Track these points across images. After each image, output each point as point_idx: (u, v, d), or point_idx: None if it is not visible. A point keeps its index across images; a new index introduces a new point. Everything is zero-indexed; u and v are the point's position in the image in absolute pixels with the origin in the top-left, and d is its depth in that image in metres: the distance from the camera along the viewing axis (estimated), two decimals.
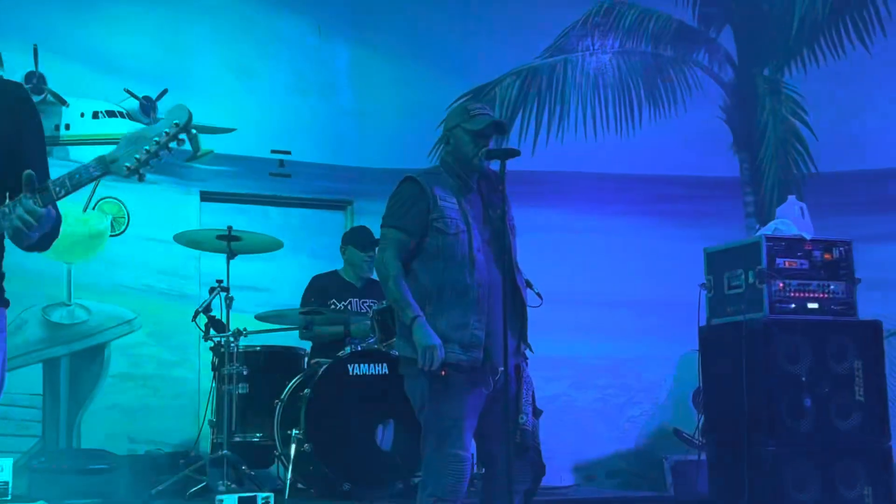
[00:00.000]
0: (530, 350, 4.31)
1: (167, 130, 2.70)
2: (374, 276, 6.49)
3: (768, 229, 6.35)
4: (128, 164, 2.69)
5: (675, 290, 7.28)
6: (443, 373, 3.99)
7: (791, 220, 6.48)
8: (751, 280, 6.10)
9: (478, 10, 8.29)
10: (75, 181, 2.69)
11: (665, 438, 7.92)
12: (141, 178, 2.75)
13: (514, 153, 4.22)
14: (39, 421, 6.96)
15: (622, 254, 8.21)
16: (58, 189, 2.67)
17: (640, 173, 8.48)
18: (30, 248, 2.77)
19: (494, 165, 4.26)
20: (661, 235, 8.31)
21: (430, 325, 4.05)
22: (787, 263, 6.08)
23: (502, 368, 4.07)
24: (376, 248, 6.39)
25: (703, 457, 6.47)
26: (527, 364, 4.26)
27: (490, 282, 4.11)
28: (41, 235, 2.72)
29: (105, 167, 2.69)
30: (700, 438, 6.88)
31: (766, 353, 5.92)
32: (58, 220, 2.81)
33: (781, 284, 6.03)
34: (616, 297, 8.14)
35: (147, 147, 2.68)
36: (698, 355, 6.46)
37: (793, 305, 6.03)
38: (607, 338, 8.09)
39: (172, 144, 2.71)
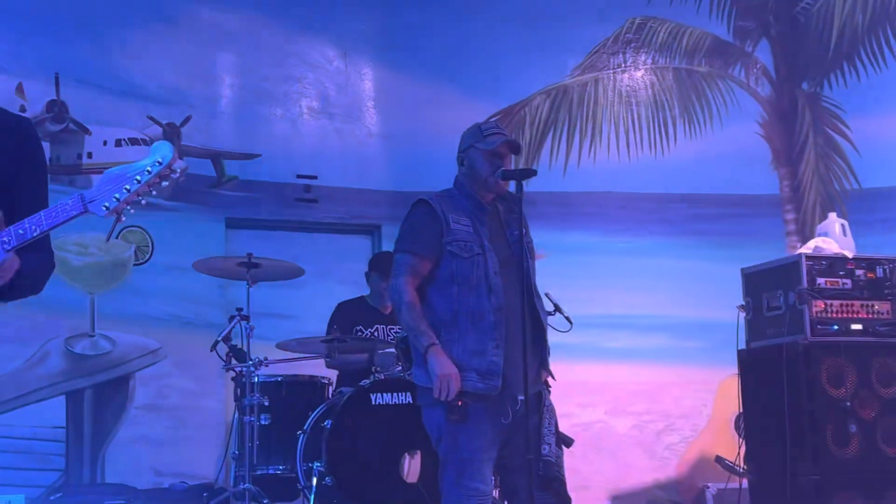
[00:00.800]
0: (552, 377, 4.11)
1: (149, 169, 2.54)
2: None
3: (808, 248, 6.14)
4: (106, 204, 2.53)
5: (713, 312, 7.13)
6: (459, 403, 3.82)
7: (832, 237, 6.26)
8: (791, 301, 5.91)
9: (505, 29, 8.15)
10: (52, 220, 2.56)
11: (706, 466, 7.67)
12: (119, 220, 2.59)
13: (531, 173, 4.09)
14: (63, 454, 6.85)
15: (658, 276, 8.00)
16: (33, 227, 2.53)
17: (676, 192, 8.28)
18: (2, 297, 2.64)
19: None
20: (698, 256, 8.10)
21: (447, 352, 3.89)
22: (828, 283, 5.87)
23: (522, 397, 3.89)
24: None
25: (746, 485, 6.24)
26: (549, 392, 4.06)
27: (508, 306, 3.93)
28: (10, 283, 2.58)
29: (83, 206, 2.55)
30: (743, 466, 6.63)
31: (809, 377, 5.73)
32: (36, 265, 2.67)
33: (823, 305, 5.83)
34: (653, 320, 7.94)
35: (127, 186, 2.53)
36: (738, 379, 6.25)
37: (835, 327, 5.82)
38: (644, 362, 7.88)
39: (155, 183, 2.56)
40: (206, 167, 7.52)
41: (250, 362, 5.88)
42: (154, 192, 2.58)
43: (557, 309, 5.80)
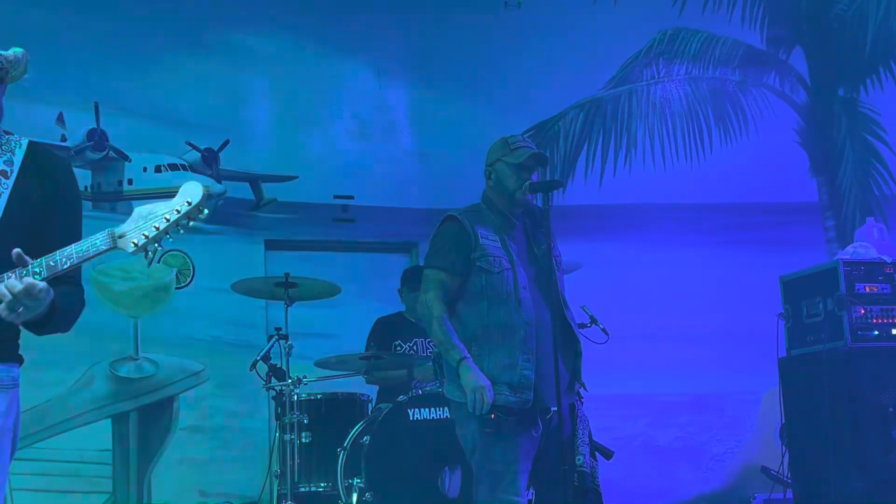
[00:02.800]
0: (584, 388, 4.11)
1: (178, 208, 2.59)
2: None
3: (846, 253, 6.10)
4: (135, 241, 2.58)
5: (755, 321, 7.06)
6: (492, 416, 3.83)
7: (871, 242, 6.21)
8: (830, 307, 5.86)
9: (538, 44, 8.17)
10: (81, 254, 2.61)
11: (752, 477, 7.60)
12: (147, 256, 2.64)
13: (557, 185, 4.11)
14: (110, 477, 6.94)
15: (699, 286, 7.96)
16: (63, 260, 2.61)
17: (714, 202, 8.25)
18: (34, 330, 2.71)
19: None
20: (738, 265, 8.05)
21: (478, 366, 3.91)
22: (867, 288, 5.83)
23: (554, 408, 3.90)
24: None
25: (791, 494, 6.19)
26: (581, 403, 4.07)
27: (538, 320, 3.95)
28: (45, 316, 2.65)
29: (112, 242, 2.60)
30: (788, 475, 6.58)
31: (850, 384, 5.69)
32: (70, 300, 2.74)
33: (863, 310, 5.78)
34: (694, 330, 7.90)
35: (157, 224, 2.58)
36: (779, 388, 6.21)
37: (876, 332, 5.77)
38: (686, 373, 7.83)
39: (184, 222, 2.60)
40: (245, 190, 7.61)
41: (289, 381, 5.93)
42: (182, 232, 2.65)
43: (593, 321, 5.78)
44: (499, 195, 4.15)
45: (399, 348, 6.41)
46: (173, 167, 7.34)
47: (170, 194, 2.51)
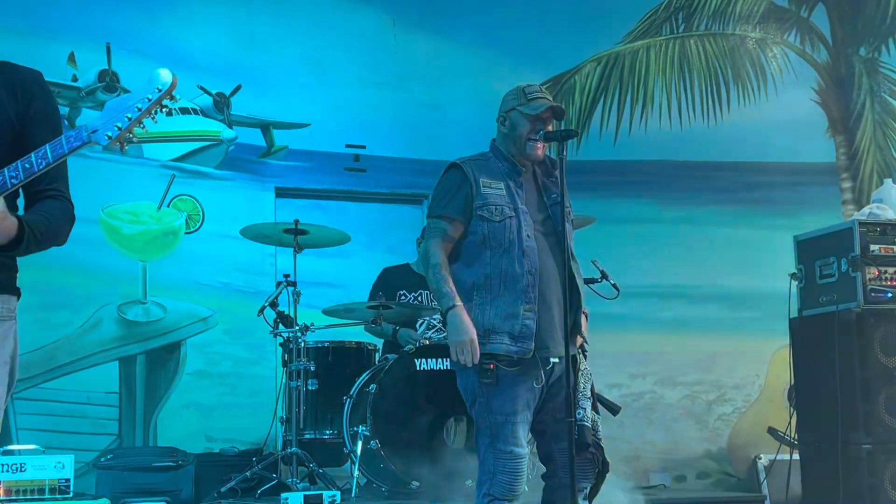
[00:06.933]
0: (585, 342, 4.05)
1: (149, 96, 2.53)
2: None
3: (862, 214, 6.04)
4: (109, 133, 2.55)
5: (767, 281, 7.04)
6: (490, 366, 3.79)
7: (888, 203, 6.15)
8: (843, 268, 5.82)
9: None
10: (56, 151, 2.57)
11: (758, 437, 7.60)
12: (122, 149, 2.61)
13: (572, 134, 4.01)
14: (116, 419, 6.95)
15: (712, 245, 7.94)
16: (38, 161, 2.56)
17: (730, 160, 8.17)
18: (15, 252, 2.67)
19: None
20: (752, 225, 8.01)
21: (480, 315, 3.86)
22: (882, 249, 5.78)
23: (555, 360, 3.86)
24: None
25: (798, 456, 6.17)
26: (584, 356, 4.02)
27: (542, 270, 3.89)
28: (19, 239, 2.61)
29: (87, 136, 2.57)
30: (795, 437, 6.56)
31: (861, 345, 5.66)
32: (53, 215, 2.71)
33: (876, 272, 5.74)
34: (705, 289, 7.90)
35: (129, 115, 2.53)
36: (789, 348, 6.18)
37: (889, 294, 5.72)
38: (696, 332, 7.82)
39: (156, 111, 2.55)
40: (256, 137, 7.55)
41: (297, 328, 5.92)
42: (155, 121, 2.59)
43: (604, 276, 5.74)
44: (510, 143, 4.09)
45: (404, 298, 6.40)
46: (184, 111, 7.27)
47: (180, 138, 2.46)
